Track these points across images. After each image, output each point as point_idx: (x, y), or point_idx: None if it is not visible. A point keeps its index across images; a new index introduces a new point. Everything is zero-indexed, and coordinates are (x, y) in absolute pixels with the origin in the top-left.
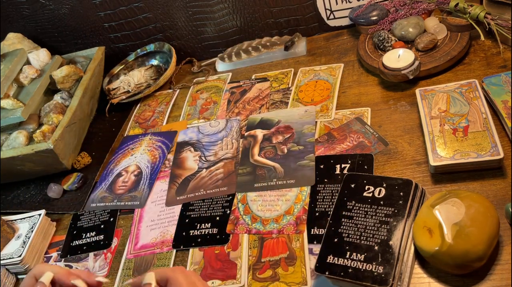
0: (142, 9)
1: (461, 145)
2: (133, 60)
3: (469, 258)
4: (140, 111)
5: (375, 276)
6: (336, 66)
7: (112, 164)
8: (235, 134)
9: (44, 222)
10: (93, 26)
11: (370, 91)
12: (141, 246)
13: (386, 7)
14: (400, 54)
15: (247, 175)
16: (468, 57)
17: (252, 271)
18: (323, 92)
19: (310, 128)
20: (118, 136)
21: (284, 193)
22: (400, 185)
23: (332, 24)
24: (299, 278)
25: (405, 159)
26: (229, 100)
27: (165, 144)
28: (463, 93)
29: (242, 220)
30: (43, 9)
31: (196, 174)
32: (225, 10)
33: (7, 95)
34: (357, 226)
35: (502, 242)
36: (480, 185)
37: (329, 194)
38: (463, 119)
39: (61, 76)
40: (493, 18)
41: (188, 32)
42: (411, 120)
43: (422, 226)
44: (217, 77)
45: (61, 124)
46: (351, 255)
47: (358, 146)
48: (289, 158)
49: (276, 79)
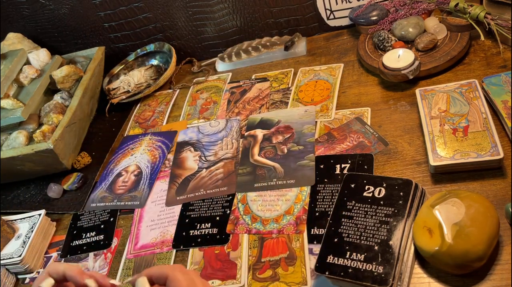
0: (142, 9)
1: (461, 145)
2: (133, 60)
3: (469, 258)
4: (140, 111)
5: (375, 276)
6: (336, 66)
7: (112, 164)
8: (235, 134)
9: (44, 222)
10: (93, 26)
11: (370, 91)
12: (141, 246)
13: (386, 7)
14: (400, 54)
15: (247, 175)
16: (468, 57)
17: (252, 271)
18: (323, 92)
19: (310, 128)
20: (118, 136)
21: (284, 193)
22: (400, 185)
23: (332, 24)
24: (299, 278)
25: (405, 159)
26: (229, 100)
27: (165, 144)
28: (463, 93)
29: (242, 220)
30: (43, 9)
31: (196, 174)
32: (225, 10)
33: (7, 95)
34: (357, 226)
35: (502, 242)
36: (480, 185)
37: (329, 194)
38: (463, 119)
39: (61, 76)
40: (493, 18)
41: (188, 32)
42: (411, 120)
43: (422, 226)
44: (217, 77)
45: (61, 124)
46: (351, 255)
47: (358, 146)
48: (289, 158)
49: (276, 79)
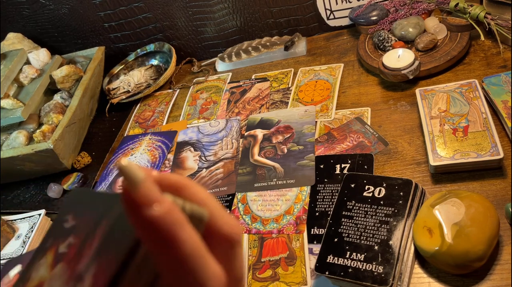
0: (142, 9)
1: (461, 145)
2: (133, 60)
3: (469, 258)
4: (140, 111)
5: (375, 276)
6: (336, 66)
7: (112, 164)
8: (235, 134)
9: (44, 222)
10: (93, 26)
11: (370, 91)
12: None
13: (386, 7)
14: (400, 54)
15: (247, 175)
16: (468, 57)
17: (252, 271)
18: (323, 92)
19: (310, 128)
20: (118, 136)
21: (284, 193)
22: (400, 185)
23: (332, 24)
24: (299, 278)
25: (405, 159)
26: (229, 100)
27: (165, 144)
28: (463, 93)
29: (242, 220)
30: (43, 9)
31: (196, 174)
32: (225, 10)
33: (7, 95)
34: (357, 226)
35: (502, 242)
36: (480, 185)
37: (329, 194)
38: (463, 119)
39: (61, 76)
40: (493, 18)
41: (188, 32)
42: (411, 120)
43: (422, 226)
44: (217, 77)
45: (61, 124)
46: (351, 255)
47: (358, 146)
48: (289, 158)
49: (276, 79)
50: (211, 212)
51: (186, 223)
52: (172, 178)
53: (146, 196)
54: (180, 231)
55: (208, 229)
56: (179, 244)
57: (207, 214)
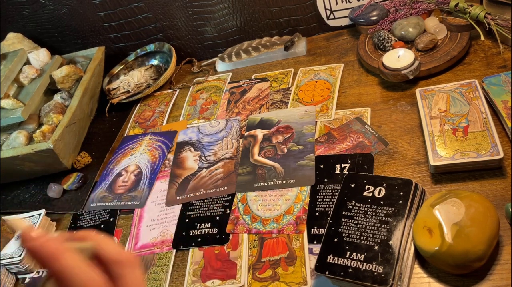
0: (142, 9)
1: (461, 145)
2: (133, 60)
3: (469, 258)
4: (140, 111)
5: (375, 276)
6: (336, 66)
7: (112, 164)
8: (235, 134)
9: (44, 222)
10: (93, 26)
11: (370, 91)
12: (141, 246)
13: (386, 7)
14: (400, 54)
15: (247, 175)
16: (468, 57)
17: (252, 271)
18: (323, 92)
19: (310, 128)
20: (118, 136)
21: (284, 193)
22: (400, 185)
23: (332, 24)
24: (299, 278)
25: (405, 159)
26: (229, 100)
27: (165, 144)
28: (463, 93)
29: (242, 220)
30: (43, 9)
31: (196, 174)
32: (225, 10)
33: (7, 95)
34: (357, 226)
35: (502, 242)
36: (480, 185)
37: (329, 194)
38: (463, 119)
39: (61, 76)
40: (493, 18)
41: (188, 32)
42: (411, 120)
43: (422, 226)
44: (217, 77)
45: (61, 124)
46: (351, 255)
47: (358, 146)
48: (289, 158)
49: (276, 79)
50: (99, 246)
51: (64, 251)
52: (78, 235)
53: (24, 236)
54: (60, 256)
55: (98, 256)
56: (55, 263)
57: (92, 246)
